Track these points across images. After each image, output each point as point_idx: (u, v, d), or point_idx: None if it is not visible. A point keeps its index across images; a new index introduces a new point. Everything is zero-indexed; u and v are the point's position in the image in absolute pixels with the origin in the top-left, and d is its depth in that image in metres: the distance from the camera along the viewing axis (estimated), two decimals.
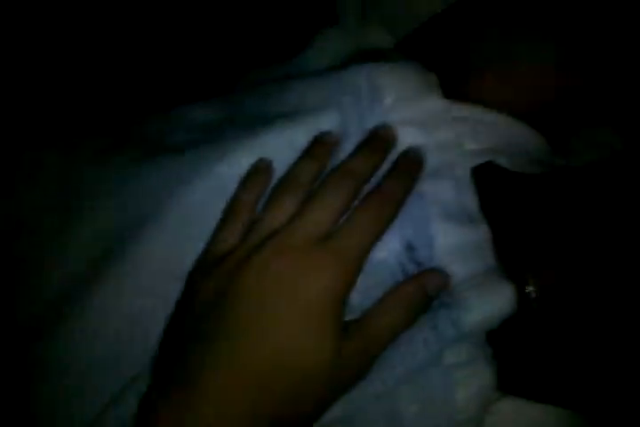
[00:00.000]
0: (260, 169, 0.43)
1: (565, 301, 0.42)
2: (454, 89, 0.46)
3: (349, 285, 0.38)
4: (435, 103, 0.44)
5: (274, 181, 0.43)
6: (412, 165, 0.42)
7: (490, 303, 0.39)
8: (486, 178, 0.45)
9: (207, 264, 0.39)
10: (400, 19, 0.57)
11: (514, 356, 0.42)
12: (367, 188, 0.42)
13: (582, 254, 0.42)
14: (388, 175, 0.42)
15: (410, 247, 0.41)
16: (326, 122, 0.44)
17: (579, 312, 0.41)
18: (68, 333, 0.41)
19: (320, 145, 0.43)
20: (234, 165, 0.43)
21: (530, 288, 0.42)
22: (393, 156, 0.43)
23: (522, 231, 0.44)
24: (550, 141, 0.49)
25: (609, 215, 0.44)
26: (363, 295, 0.39)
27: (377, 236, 0.40)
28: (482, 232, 0.42)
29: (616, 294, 0.41)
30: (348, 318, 0.38)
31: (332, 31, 0.57)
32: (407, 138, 0.43)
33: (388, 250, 0.41)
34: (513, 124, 0.46)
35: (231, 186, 0.42)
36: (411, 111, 0.44)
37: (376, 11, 0.61)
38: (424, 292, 0.39)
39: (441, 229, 0.41)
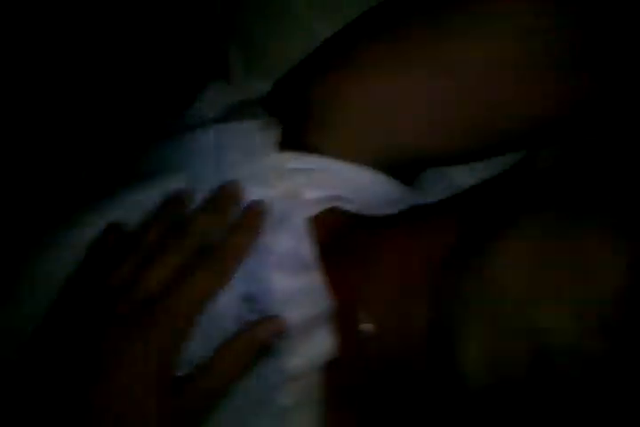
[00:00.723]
0: (110, 232, 0.46)
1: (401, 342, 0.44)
2: (303, 140, 0.49)
3: (178, 342, 0.41)
4: (274, 158, 0.48)
5: None
6: (254, 219, 0.46)
7: (313, 348, 0.42)
8: (331, 224, 0.48)
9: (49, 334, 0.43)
10: (280, 70, 0.61)
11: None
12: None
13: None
14: (231, 230, 0.45)
15: (249, 298, 0.44)
16: (177, 182, 0.48)
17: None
18: None
19: (167, 206, 0.46)
20: (87, 230, 0.46)
21: (364, 327, 0.45)
22: (237, 211, 0.46)
23: (367, 271, 0.47)
24: (404, 180, 0.51)
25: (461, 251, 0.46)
26: (203, 348, 0.42)
27: (213, 291, 0.43)
28: (316, 279, 0.44)
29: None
30: (189, 370, 0.42)
31: (219, 84, 0.61)
32: (250, 193, 0.47)
33: (227, 302, 0.44)
34: (358, 171, 0.48)
35: (82, 252, 0.45)
36: (253, 167, 0.47)
37: (261, 64, 0.64)
38: (258, 340, 0.42)
39: (278, 279, 0.44)
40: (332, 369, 0.43)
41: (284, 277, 0.44)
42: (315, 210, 0.47)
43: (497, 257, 0.41)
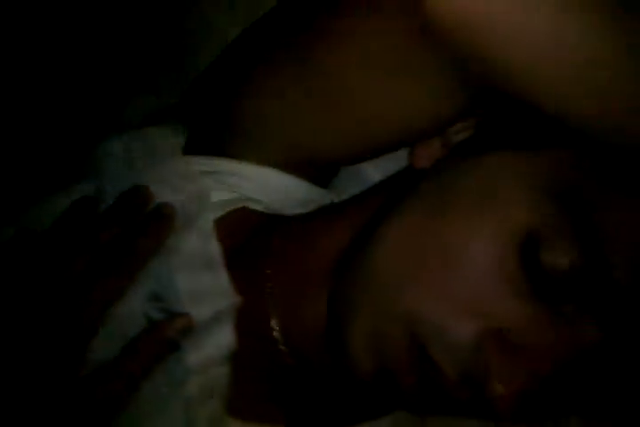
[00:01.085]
0: (19, 238, 0.47)
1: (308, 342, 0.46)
2: (216, 145, 0.50)
3: (85, 340, 0.42)
4: (181, 161, 0.49)
5: None
6: (160, 221, 0.47)
7: (214, 343, 0.43)
8: (240, 224, 0.49)
9: None
10: None
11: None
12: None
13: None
14: (137, 233, 0.46)
15: (155, 298, 0.45)
16: (88, 187, 0.49)
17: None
18: None
19: (75, 211, 0.47)
20: (4, 234, 0.47)
21: (273, 322, 0.46)
22: (144, 213, 0.47)
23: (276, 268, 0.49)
24: (320, 182, 0.53)
25: (354, 244, 0.47)
26: (111, 347, 0.43)
27: (119, 291, 0.44)
28: (221, 277, 0.46)
29: None
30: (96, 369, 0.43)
31: (146, 96, 0.62)
32: (158, 196, 0.48)
33: (134, 302, 0.45)
34: (266, 172, 0.49)
35: None
36: (160, 171, 0.48)
37: (188, 78, 0.65)
38: (164, 338, 0.43)
39: (183, 278, 0.45)
40: (243, 363, 0.45)
41: (190, 277, 0.45)
42: (222, 211, 0.48)
43: (377, 247, 0.42)
